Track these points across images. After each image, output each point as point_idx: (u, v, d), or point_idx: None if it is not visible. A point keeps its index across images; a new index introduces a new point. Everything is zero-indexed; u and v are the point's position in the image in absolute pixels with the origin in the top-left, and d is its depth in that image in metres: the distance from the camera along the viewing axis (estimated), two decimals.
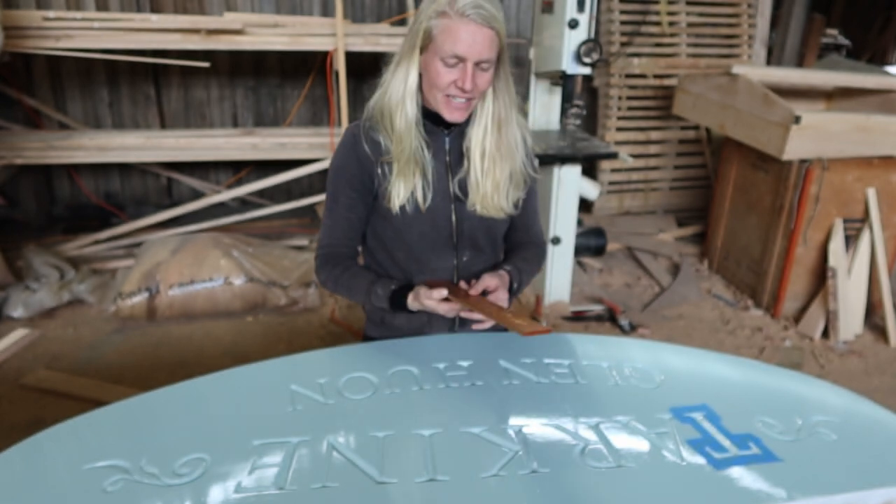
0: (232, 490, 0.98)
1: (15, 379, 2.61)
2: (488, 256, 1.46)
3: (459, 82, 1.23)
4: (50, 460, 1.04)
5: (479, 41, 1.20)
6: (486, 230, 1.41)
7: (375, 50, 3.54)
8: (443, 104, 1.28)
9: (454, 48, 1.21)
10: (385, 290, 1.36)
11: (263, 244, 3.42)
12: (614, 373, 1.34)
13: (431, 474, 1.02)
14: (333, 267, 1.40)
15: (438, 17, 1.21)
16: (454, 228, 1.38)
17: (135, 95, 4.16)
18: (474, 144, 1.33)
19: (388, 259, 1.43)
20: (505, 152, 1.34)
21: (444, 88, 1.25)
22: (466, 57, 1.21)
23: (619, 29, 4.34)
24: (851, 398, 1.32)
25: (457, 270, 1.43)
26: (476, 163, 1.33)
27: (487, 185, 1.33)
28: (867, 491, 1.03)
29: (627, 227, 4.40)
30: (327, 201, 1.40)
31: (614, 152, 3.16)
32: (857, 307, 3.22)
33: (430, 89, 1.28)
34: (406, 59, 1.28)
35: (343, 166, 1.36)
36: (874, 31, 7.36)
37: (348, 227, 1.39)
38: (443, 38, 1.21)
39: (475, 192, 1.35)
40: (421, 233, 1.37)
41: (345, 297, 1.43)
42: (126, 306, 2.99)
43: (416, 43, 1.25)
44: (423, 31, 1.23)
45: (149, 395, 1.22)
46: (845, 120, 3.04)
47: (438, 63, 1.23)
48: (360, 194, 1.36)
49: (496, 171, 1.34)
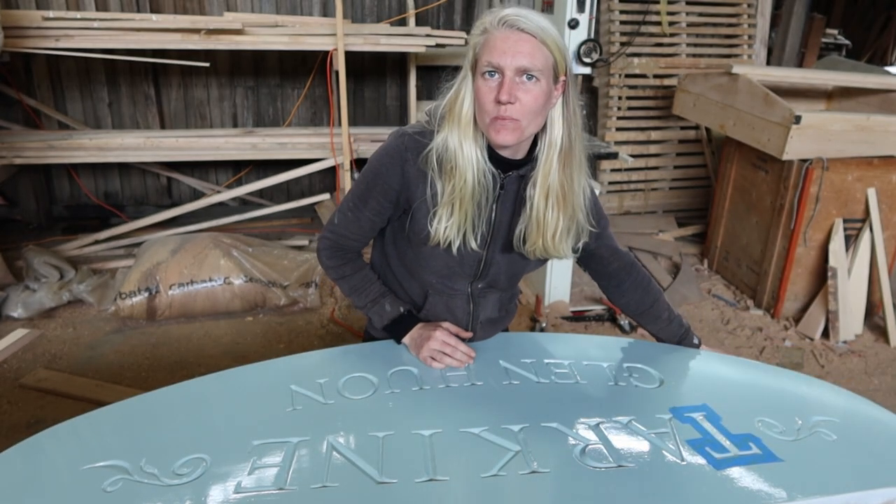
0: (232, 490, 0.98)
1: (15, 379, 2.60)
2: (504, 288, 1.44)
3: (498, 95, 1.13)
4: (50, 460, 1.04)
5: (517, 48, 1.11)
6: (510, 276, 1.39)
7: (375, 50, 3.53)
8: (490, 127, 1.16)
9: (490, 57, 1.13)
10: (394, 309, 1.37)
11: (263, 244, 3.42)
12: (614, 373, 1.34)
13: (431, 474, 1.02)
14: (343, 261, 1.39)
15: (482, 34, 1.16)
16: (480, 269, 1.35)
17: (135, 95, 4.16)
18: (539, 184, 1.22)
19: (406, 274, 1.41)
20: (568, 192, 1.23)
21: (489, 109, 1.15)
22: (502, 64, 1.12)
23: (619, 29, 4.34)
24: (851, 398, 1.32)
25: (471, 296, 1.41)
26: (539, 204, 1.23)
27: (550, 228, 1.24)
28: (867, 491, 1.03)
29: (627, 227, 4.40)
30: (355, 195, 1.33)
31: (614, 152, 3.16)
32: (858, 307, 3.22)
33: (480, 116, 1.18)
34: (462, 85, 1.20)
35: (384, 175, 1.27)
36: (874, 31, 7.36)
37: (369, 229, 1.36)
38: (483, 51, 1.14)
39: (536, 235, 1.25)
40: (444, 263, 1.33)
41: (344, 292, 1.42)
42: (126, 306, 2.99)
43: (467, 67, 1.19)
44: (471, 51, 1.17)
45: (149, 395, 1.22)
46: (845, 120, 3.04)
47: (480, 80, 1.15)
48: (391, 205, 1.30)
49: (559, 213, 1.24)
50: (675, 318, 1.50)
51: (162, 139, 3.57)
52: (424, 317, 1.42)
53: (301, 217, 4.31)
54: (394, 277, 1.43)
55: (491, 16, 1.16)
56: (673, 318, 1.50)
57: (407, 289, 1.42)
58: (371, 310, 1.39)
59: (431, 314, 1.41)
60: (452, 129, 1.20)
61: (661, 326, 1.50)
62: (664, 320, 1.50)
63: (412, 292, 1.42)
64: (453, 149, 1.20)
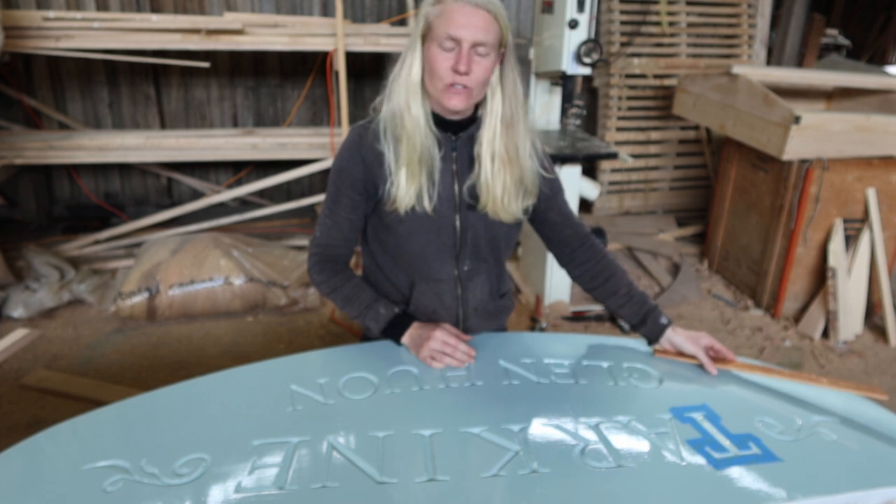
0: (232, 490, 0.98)
1: (15, 379, 2.61)
2: (490, 266, 1.45)
3: (455, 65, 1.22)
4: (50, 460, 1.04)
5: (474, 23, 1.20)
6: (489, 240, 1.40)
7: (375, 50, 3.54)
8: (442, 92, 1.25)
9: (448, 29, 1.20)
10: (388, 311, 1.37)
11: (263, 244, 3.42)
12: (614, 373, 1.34)
13: (431, 474, 1.02)
14: (333, 273, 1.39)
15: (436, 5, 1.23)
16: (458, 237, 1.37)
17: (135, 95, 4.16)
18: (485, 147, 1.31)
19: (391, 262, 1.42)
20: (514, 155, 1.31)
21: (443, 76, 1.23)
22: (461, 37, 1.20)
23: (619, 29, 4.34)
24: (851, 398, 1.32)
25: (458, 280, 1.42)
26: (486, 166, 1.30)
27: (497, 188, 1.31)
28: (867, 491, 1.03)
29: (627, 227, 4.40)
30: (328, 200, 1.39)
31: (614, 152, 3.16)
32: (857, 307, 3.22)
33: (431, 81, 1.26)
34: (409, 53, 1.28)
35: (347, 168, 1.34)
36: (874, 31, 7.36)
37: (349, 229, 1.39)
38: (439, 22, 1.22)
39: (486, 195, 1.32)
40: (424, 241, 1.36)
41: (338, 306, 1.41)
42: (126, 306, 2.99)
43: (416, 34, 1.26)
44: (423, 20, 1.24)
45: (149, 395, 1.22)
46: (845, 120, 3.04)
47: (436, 49, 1.23)
48: (362, 197, 1.35)
49: (506, 174, 1.31)
50: (637, 294, 1.43)
51: (162, 139, 3.58)
52: (414, 308, 1.42)
53: (301, 217, 4.31)
54: (381, 272, 1.45)
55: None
56: (634, 295, 1.42)
57: (395, 282, 1.43)
58: (366, 316, 1.38)
59: (420, 304, 1.42)
60: (399, 93, 1.28)
61: (621, 303, 1.43)
62: (622, 296, 1.43)
63: (400, 284, 1.43)
64: (400, 111, 1.28)
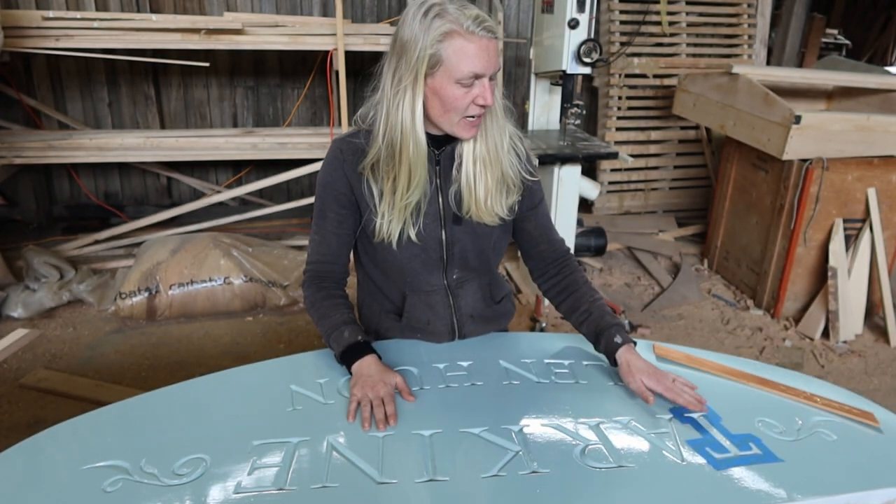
0: (232, 490, 0.98)
1: (15, 379, 2.60)
2: (479, 274, 1.44)
3: (480, 99, 1.21)
4: (50, 460, 1.04)
5: (490, 55, 1.19)
6: (478, 252, 1.39)
7: (375, 50, 3.54)
8: (460, 126, 1.25)
9: (473, 68, 1.18)
10: (352, 336, 1.29)
11: (263, 244, 3.42)
12: (614, 373, 1.34)
13: (431, 474, 1.02)
14: (317, 290, 1.37)
15: (445, 40, 1.17)
16: (444, 251, 1.36)
17: (135, 95, 4.16)
18: (466, 151, 1.30)
19: (381, 276, 1.42)
20: (493, 153, 1.31)
21: (464, 110, 1.22)
22: (484, 73, 1.19)
23: (619, 29, 4.34)
24: (851, 398, 1.32)
25: (448, 289, 1.41)
26: (468, 169, 1.30)
27: (480, 190, 1.31)
28: (867, 491, 1.03)
29: (627, 226, 4.40)
30: (315, 216, 1.37)
31: (614, 152, 3.16)
32: (858, 307, 3.22)
33: (444, 115, 1.24)
34: (408, 90, 1.21)
35: (330, 183, 1.33)
36: (874, 31, 7.36)
37: (337, 244, 1.37)
38: (456, 59, 1.17)
39: (468, 198, 1.31)
40: (410, 255, 1.35)
41: (315, 323, 1.37)
42: (126, 306, 2.99)
43: (419, 70, 1.19)
44: (429, 57, 1.17)
45: (149, 395, 1.22)
46: (845, 120, 3.04)
47: (454, 87, 1.20)
48: (348, 211, 1.34)
49: (487, 175, 1.31)
50: (598, 312, 1.36)
51: (162, 139, 3.57)
52: (408, 319, 1.41)
53: (301, 217, 4.30)
54: (374, 284, 1.44)
55: (449, 17, 1.16)
56: (594, 311, 1.36)
57: (387, 294, 1.43)
58: (331, 337, 1.31)
59: (413, 315, 1.41)
60: (397, 134, 1.24)
61: (581, 319, 1.38)
62: (583, 312, 1.38)
63: (392, 296, 1.42)
64: (400, 151, 1.24)
